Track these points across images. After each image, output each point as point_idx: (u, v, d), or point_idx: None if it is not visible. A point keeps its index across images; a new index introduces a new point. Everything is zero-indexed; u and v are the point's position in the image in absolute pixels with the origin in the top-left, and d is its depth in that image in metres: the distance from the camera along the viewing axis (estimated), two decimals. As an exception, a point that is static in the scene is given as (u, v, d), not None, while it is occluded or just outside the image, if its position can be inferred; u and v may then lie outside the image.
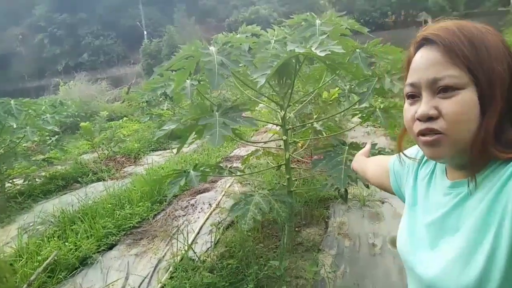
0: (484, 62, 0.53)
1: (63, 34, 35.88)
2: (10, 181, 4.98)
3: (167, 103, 8.04)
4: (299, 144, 3.85)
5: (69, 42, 36.11)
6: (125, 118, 11.24)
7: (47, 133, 5.73)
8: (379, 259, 2.52)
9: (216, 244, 2.93)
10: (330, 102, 4.19)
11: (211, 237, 3.04)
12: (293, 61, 2.08)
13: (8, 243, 3.31)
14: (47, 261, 2.71)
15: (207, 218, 3.54)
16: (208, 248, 2.89)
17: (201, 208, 3.89)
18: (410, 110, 0.61)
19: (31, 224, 3.77)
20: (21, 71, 37.38)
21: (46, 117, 5.02)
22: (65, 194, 4.90)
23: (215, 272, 2.41)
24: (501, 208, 0.50)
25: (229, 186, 4.47)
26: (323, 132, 3.48)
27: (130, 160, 6.84)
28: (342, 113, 4.27)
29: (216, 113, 1.88)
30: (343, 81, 2.98)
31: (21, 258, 2.82)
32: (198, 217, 3.64)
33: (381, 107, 2.34)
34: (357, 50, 2.11)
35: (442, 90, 0.55)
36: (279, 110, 2.54)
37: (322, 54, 1.52)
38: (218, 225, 3.26)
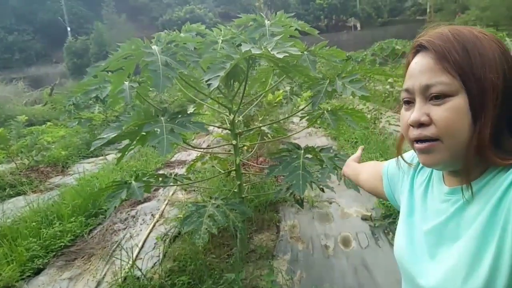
0: (476, 69, 0.53)
1: (-31, 27, 31.27)
2: None
3: (98, 106, 7.40)
4: (245, 148, 3.79)
5: (-24, 36, 31.59)
6: (48, 123, 10.13)
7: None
8: (334, 261, 2.54)
9: (163, 258, 2.72)
10: (275, 105, 4.21)
11: (157, 251, 2.82)
12: (243, 63, 2.00)
13: None
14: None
15: (151, 230, 3.28)
16: (154, 264, 2.66)
17: (143, 220, 3.61)
18: (405, 116, 0.61)
19: None
20: None
21: None
22: (-24, 213, 4.19)
23: (164, 290, 2.22)
24: (503, 216, 0.50)
25: (173, 194, 4.24)
26: (269, 135, 3.46)
27: (57, 169, 6.14)
28: (287, 115, 4.31)
29: (162, 118, 1.71)
30: (293, 83, 2.98)
31: None
32: (141, 230, 3.36)
33: (329, 109, 2.36)
34: (305, 52, 2.11)
35: (434, 97, 0.56)
36: (227, 114, 2.43)
37: (280, 56, 1.46)
38: (164, 237, 3.04)
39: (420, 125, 0.57)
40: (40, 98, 15.53)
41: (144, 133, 1.67)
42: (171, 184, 2.54)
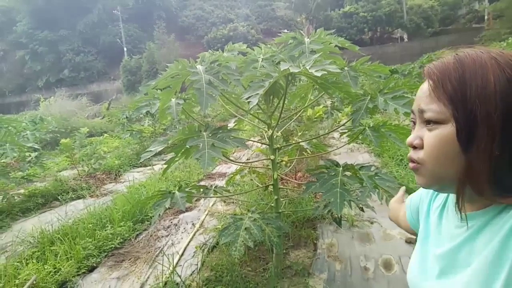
0: (469, 101, 0.52)
1: (44, 50, 35.27)
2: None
3: (148, 120, 7.94)
4: (284, 162, 3.83)
5: (50, 58, 35.51)
6: (105, 135, 11.00)
7: (27, 150, 5.52)
8: (374, 284, 2.43)
9: (201, 267, 2.82)
10: (315, 120, 4.22)
11: (196, 259, 2.94)
12: (283, 80, 2.08)
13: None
14: (26, 286, 2.52)
15: (191, 239, 3.42)
16: (193, 272, 2.77)
17: (184, 228, 3.77)
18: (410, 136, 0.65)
19: (9, 244, 3.57)
20: (1, 87, 36.43)
21: (26, 133, 4.85)
22: (44, 212, 4.70)
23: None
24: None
25: (213, 205, 4.38)
26: (308, 151, 3.47)
27: (111, 177, 6.64)
28: (327, 130, 4.29)
29: (204, 133, 1.84)
30: (333, 98, 2.98)
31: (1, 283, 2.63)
32: (182, 238, 3.52)
33: (371, 125, 2.31)
34: (345, 68, 2.13)
35: (427, 122, 0.58)
36: (266, 129, 2.51)
37: (318, 74, 1.51)
38: (203, 246, 3.16)
39: (413, 147, 0.61)
40: (100, 112, 16.98)
41: (188, 147, 1.80)
42: (211, 195, 2.66)
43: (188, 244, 3.33)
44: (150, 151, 1.79)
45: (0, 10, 37.47)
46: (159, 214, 2.25)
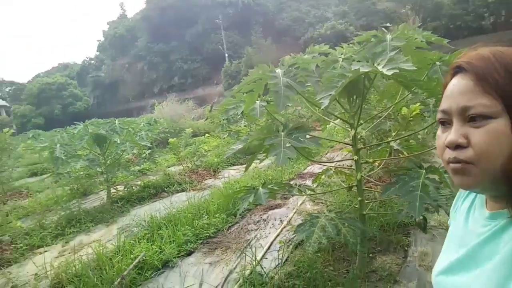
0: None
1: (159, 61, 40.70)
2: (114, 187, 5.80)
3: (244, 121, 8.45)
4: (376, 164, 3.65)
5: (163, 67, 40.78)
6: (207, 135, 12.10)
7: (143, 148, 6.54)
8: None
9: (284, 262, 2.93)
10: (411, 119, 3.90)
11: (280, 254, 3.06)
12: (363, 78, 2.03)
13: (110, 240, 3.86)
14: (137, 260, 3.06)
15: (278, 235, 3.57)
16: (276, 265, 2.90)
17: (272, 224, 3.95)
18: (441, 137, 0.60)
19: (127, 226, 4.32)
20: (126, 94, 43.47)
21: (142, 134, 5.74)
22: (155, 201, 5.49)
23: (281, 290, 2.42)
24: None
25: (301, 204, 4.45)
26: (404, 152, 3.24)
27: (210, 173, 7.32)
28: (426, 130, 3.92)
29: (282, 133, 1.94)
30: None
31: (118, 255, 3.24)
32: (269, 233, 3.69)
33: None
34: (437, 63, 1.97)
35: (473, 118, 0.54)
36: (349, 129, 2.47)
37: (389, 72, 1.46)
38: (288, 243, 3.26)
39: (456, 147, 0.56)
40: (203, 114, 18.76)
41: (266, 146, 1.92)
42: (295, 193, 2.74)
43: (274, 239, 3.48)
44: (232, 149, 1.97)
45: (126, 29, 44.70)
46: (249, 208, 2.43)
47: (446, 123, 0.60)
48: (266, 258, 3.09)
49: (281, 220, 4.02)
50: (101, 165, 5.44)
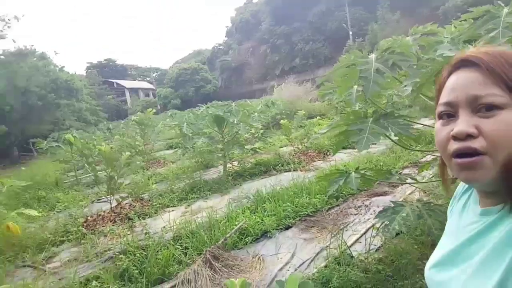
0: None
1: (281, 43, 41.76)
2: (230, 163, 6.59)
3: (359, 104, 8.13)
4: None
5: (286, 49, 41.68)
6: (318, 117, 12.12)
7: (257, 128, 7.15)
8: None
9: (378, 248, 2.91)
10: None
11: (375, 240, 3.03)
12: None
13: (221, 208, 4.50)
14: (238, 226, 3.53)
15: (376, 222, 3.50)
16: (368, 250, 2.91)
17: (373, 211, 3.87)
18: (443, 130, 0.59)
19: (238, 197, 4.93)
20: (250, 77, 46.48)
21: (255, 116, 6.28)
22: (264, 178, 6.01)
23: (367, 273, 2.45)
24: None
25: (410, 193, 4.18)
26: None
27: (320, 156, 7.43)
28: None
29: (370, 119, 1.94)
30: None
31: (225, 220, 3.81)
32: (368, 219, 3.65)
33: None
34: None
35: (483, 108, 0.54)
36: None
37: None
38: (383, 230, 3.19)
39: (466, 137, 0.54)
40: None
41: (349, 131, 1.97)
42: (394, 181, 2.66)
43: (372, 226, 3.44)
44: (319, 133, 2.08)
45: (251, 14, 47.25)
46: (352, 192, 2.46)
47: (449, 115, 0.59)
48: (360, 243, 3.12)
49: (383, 208, 3.90)
50: (220, 142, 6.23)
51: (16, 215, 3.79)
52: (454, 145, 0.56)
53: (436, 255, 0.70)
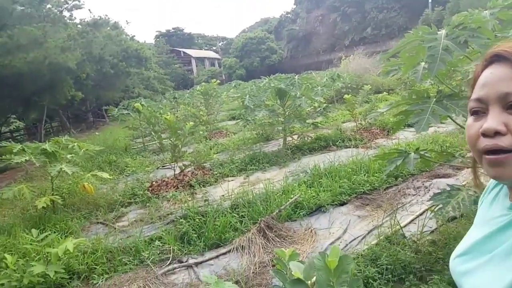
0: None
1: (352, 11, 39.16)
2: (291, 136, 6.69)
3: (430, 80, 7.49)
4: None
5: (357, 18, 39.07)
6: (385, 92, 11.44)
7: (318, 102, 7.06)
8: None
9: (432, 231, 2.85)
10: None
11: (431, 222, 2.97)
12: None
13: (279, 180, 4.67)
14: (293, 199, 3.69)
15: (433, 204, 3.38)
16: (422, 231, 2.87)
17: (433, 193, 3.69)
18: (474, 126, 0.59)
19: (295, 171, 5.06)
20: (317, 47, 44.78)
21: (318, 89, 6.21)
22: (323, 153, 6.03)
23: (417, 254, 2.45)
24: None
25: (473, 178, 3.90)
26: None
27: (383, 133, 7.14)
28: None
29: (432, 100, 1.88)
30: None
31: (280, 192, 3.98)
32: (426, 201, 3.53)
33: None
34: None
35: None
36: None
37: None
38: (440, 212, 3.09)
39: (494, 134, 0.54)
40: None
41: (408, 111, 1.94)
42: (457, 164, 2.55)
43: (429, 208, 3.34)
44: (378, 111, 2.08)
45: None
46: (412, 173, 2.40)
47: (480, 112, 0.58)
48: (415, 223, 3.07)
49: (440, 191, 3.72)
50: (281, 115, 6.33)
51: (91, 177, 4.36)
52: (483, 142, 0.56)
53: (462, 245, 0.69)
